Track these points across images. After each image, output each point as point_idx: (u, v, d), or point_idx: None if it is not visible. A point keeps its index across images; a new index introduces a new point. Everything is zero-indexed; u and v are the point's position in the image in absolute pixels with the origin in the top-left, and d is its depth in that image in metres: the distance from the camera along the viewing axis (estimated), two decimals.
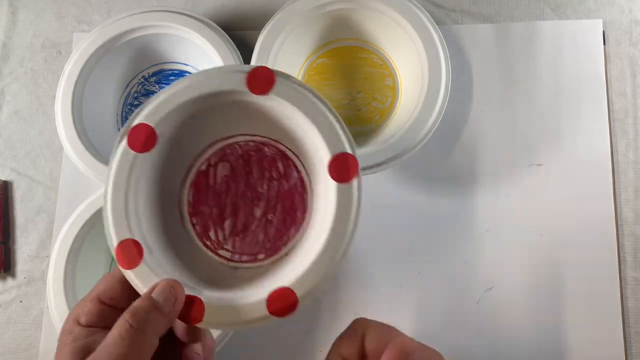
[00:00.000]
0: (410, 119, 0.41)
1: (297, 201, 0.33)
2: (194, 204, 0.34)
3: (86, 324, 0.28)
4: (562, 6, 0.48)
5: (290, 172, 0.34)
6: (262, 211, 0.34)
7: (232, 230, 0.34)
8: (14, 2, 0.53)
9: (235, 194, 0.34)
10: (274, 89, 0.31)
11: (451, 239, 0.45)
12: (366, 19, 0.45)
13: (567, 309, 0.43)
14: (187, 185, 0.34)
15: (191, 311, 0.28)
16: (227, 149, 0.34)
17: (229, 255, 0.33)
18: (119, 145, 0.31)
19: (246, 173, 0.34)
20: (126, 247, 0.30)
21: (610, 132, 0.45)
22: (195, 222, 0.34)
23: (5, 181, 0.50)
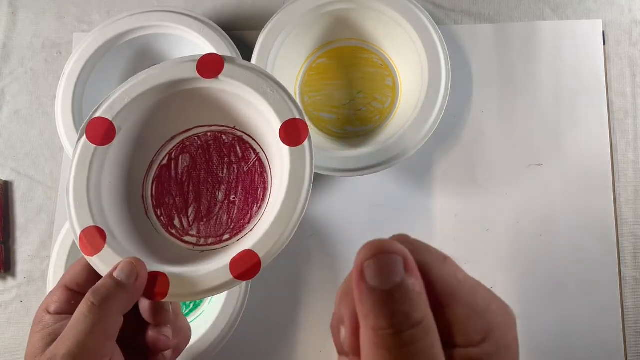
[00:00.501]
0: (410, 119, 0.41)
1: (257, 180, 0.35)
2: (157, 196, 0.35)
3: (54, 312, 0.29)
4: (562, 6, 0.48)
5: (249, 154, 0.35)
6: (224, 194, 0.35)
7: (196, 216, 0.35)
8: (14, 2, 0.53)
9: (197, 181, 0.35)
10: (223, 71, 0.32)
11: (451, 239, 0.45)
12: (366, 19, 0.45)
13: (567, 309, 0.43)
14: (150, 180, 0.35)
15: (155, 287, 0.29)
16: (187, 142, 0.36)
17: (194, 240, 0.34)
18: (79, 139, 0.32)
19: (206, 161, 0.35)
20: (89, 233, 0.30)
21: (610, 132, 0.45)
22: (160, 214, 0.35)
23: (5, 181, 0.50)
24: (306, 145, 0.31)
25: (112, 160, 0.33)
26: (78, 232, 0.31)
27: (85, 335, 0.26)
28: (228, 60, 0.33)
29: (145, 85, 0.33)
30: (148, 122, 0.34)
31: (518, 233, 0.44)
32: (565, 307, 0.43)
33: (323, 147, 0.43)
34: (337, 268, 0.45)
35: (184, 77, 0.33)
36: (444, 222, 0.45)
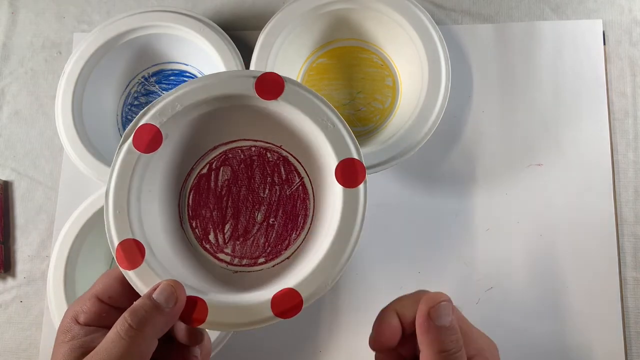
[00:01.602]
0: (410, 119, 0.41)
1: (299, 206, 0.33)
2: (193, 207, 0.34)
3: (84, 323, 0.28)
4: (562, 6, 0.48)
5: (293, 177, 0.34)
6: (263, 215, 0.34)
7: (232, 233, 0.34)
8: (14, 2, 0.53)
9: (237, 197, 0.34)
10: (283, 95, 0.31)
11: (451, 239, 0.45)
12: (366, 19, 0.45)
13: (567, 309, 0.43)
14: (188, 188, 0.34)
15: (194, 312, 0.28)
16: (229, 153, 0.34)
17: (228, 259, 0.33)
18: (123, 144, 0.31)
19: (248, 177, 0.34)
20: (127, 247, 0.29)
21: (610, 132, 0.45)
22: (195, 226, 0.34)
23: (5, 181, 0.50)
24: (361, 189, 0.30)
25: (154, 168, 0.32)
26: (116, 243, 0.30)
27: (120, 358, 0.25)
28: (289, 82, 0.31)
29: (199, 95, 0.31)
30: (193, 131, 0.33)
31: (518, 233, 0.44)
32: (565, 307, 0.43)
33: None
34: None
35: (242, 93, 0.31)
36: (444, 222, 0.45)
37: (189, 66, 0.48)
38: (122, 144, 0.31)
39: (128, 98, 0.49)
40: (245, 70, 0.32)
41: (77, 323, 0.28)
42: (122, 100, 0.48)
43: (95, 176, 0.43)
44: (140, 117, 0.31)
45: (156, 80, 0.49)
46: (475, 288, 0.44)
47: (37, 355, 0.46)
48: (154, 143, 0.31)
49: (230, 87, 0.31)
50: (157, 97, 0.48)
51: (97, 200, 0.43)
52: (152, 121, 0.31)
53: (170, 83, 0.48)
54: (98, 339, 0.27)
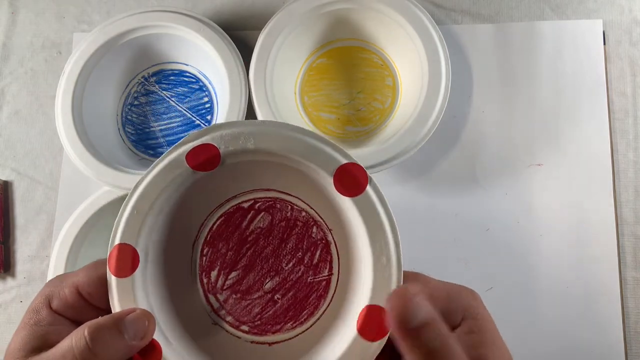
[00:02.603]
0: (410, 119, 0.41)
1: (311, 301, 0.30)
2: (215, 234, 0.31)
3: (56, 309, 0.26)
4: (562, 6, 0.48)
5: (323, 268, 0.31)
6: (272, 286, 0.31)
7: (233, 284, 0.31)
8: (14, 2, 0.53)
9: (259, 253, 0.31)
10: (362, 196, 0.28)
11: (451, 239, 0.45)
12: (366, 19, 0.45)
13: (567, 309, 0.42)
14: (219, 214, 0.31)
15: (147, 357, 0.26)
16: (279, 203, 0.31)
17: (216, 306, 0.31)
18: (172, 153, 0.28)
19: (281, 240, 0.31)
20: (123, 252, 0.28)
21: (610, 132, 0.45)
22: (206, 253, 0.31)
23: (5, 181, 0.50)
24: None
25: (196, 186, 0.30)
26: (115, 243, 0.28)
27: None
28: (372, 183, 0.28)
29: (274, 145, 0.28)
30: (252, 166, 0.30)
31: (518, 233, 0.44)
32: (565, 307, 0.43)
33: None
34: None
35: (318, 180, 0.29)
36: (444, 222, 0.45)
37: (189, 66, 0.48)
38: (172, 152, 0.28)
39: (128, 98, 0.49)
40: (329, 146, 0.29)
41: (48, 307, 0.26)
42: (122, 100, 0.48)
43: (95, 176, 0.43)
44: (203, 134, 0.29)
45: (156, 80, 0.49)
46: (475, 288, 0.44)
47: None
48: (207, 164, 0.29)
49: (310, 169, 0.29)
50: (157, 97, 0.48)
51: (97, 200, 0.43)
52: (215, 143, 0.28)
53: (170, 83, 0.48)
54: (61, 334, 0.25)
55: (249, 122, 0.29)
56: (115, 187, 0.42)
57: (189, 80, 0.48)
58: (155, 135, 0.48)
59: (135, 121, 0.48)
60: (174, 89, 0.48)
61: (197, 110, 0.48)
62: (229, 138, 0.28)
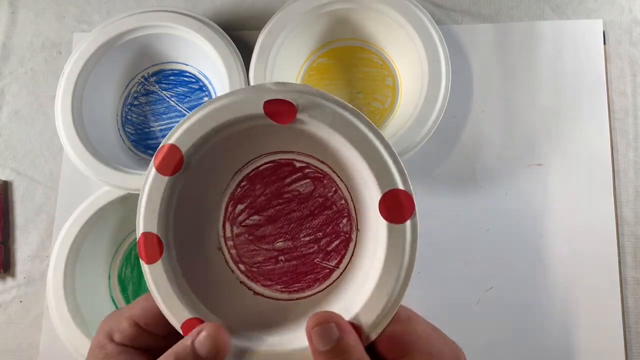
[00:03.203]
0: (410, 119, 0.41)
1: (307, 279, 0.31)
2: (258, 173, 0.32)
3: (120, 342, 0.28)
4: (562, 6, 0.48)
5: (333, 257, 0.31)
6: (282, 247, 0.32)
7: (252, 226, 0.32)
8: (14, 2, 0.53)
9: (287, 213, 0.32)
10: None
11: (451, 239, 0.45)
12: (366, 19, 0.45)
13: (567, 309, 0.42)
14: (270, 160, 0.32)
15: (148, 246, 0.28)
16: (327, 179, 0.32)
17: (228, 235, 0.32)
18: (252, 93, 0.29)
19: (310, 213, 0.32)
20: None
21: (610, 132, 0.45)
22: (242, 186, 0.32)
23: (5, 181, 0.50)
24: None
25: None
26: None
27: None
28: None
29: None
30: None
31: (518, 233, 0.44)
32: (565, 307, 0.43)
33: None
34: None
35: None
36: (444, 222, 0.45)
37: (189, 66, 0.48)
38: (254, 91, 0.29)
39: (128, 98, 0.49)
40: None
41: (111, 341, 0.28)
42: (122, 100, 0.48)
43: (95, 176, 0.43)
44: (282, 88, 0.29)
45: (156, 80, 0.49)
46: (475, 288, 0.44)
47: (37, 355, 0.46)
48: (280, 117, 0.29)
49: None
50: (157, 97, 0.48)
51: (97, 200, 0.43)
52: (293, 101, 0.29)
53: (170, 83, 0.48)
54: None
55: (335, 103, 0.29)
56: (115, 187, 0.42)
57: (189, 80, 0.48)
58: (155, 135, 0.48)
59: (135, 121, 0.48)
60: (174, 89, 0.48)
61: None
62: (311, 105, 0.28)
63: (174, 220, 0.30)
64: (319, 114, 0.28)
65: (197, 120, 0.29)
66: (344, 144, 0.28)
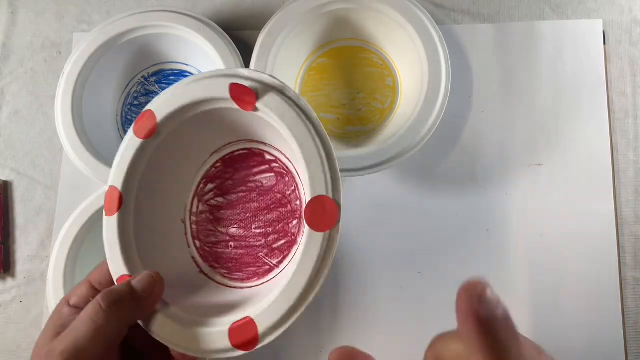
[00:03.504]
0: (410, 119, 0.41)
1: (249, 271, 0.32)
2: (233, 157, 0.34)
3: (74, 305, 0.29)
4: (562, 6, 0.48)
5: (276, 255, 0.32)
6: (234, 234, 0.33)
7: (214, 206, 0.33)
8: (14, 2, 0.53)
9: (246, 201, 0.33)
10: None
11: (451, 239, 0.45)
12: (366, 19, 0.45)
13: (567, 309, 0.42)
14: (245, 147, 0.34)
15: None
16: (289, 177, 0.32)
17: (194, 210, 0.34)
18: (217, 78, 0.31)
19: (266, 207, 0.33)
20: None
21: (610, 132, 0.45)
22: (217, 167, 0.33)
23: (5, 181, 0.50)
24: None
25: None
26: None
27: (85, 339, 0.26)
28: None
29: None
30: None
31: (518, 233, 0.44)
32: (565, 307, 0.43)
33: None
34: (336, 266, 0.45)
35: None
36: (444, 222, 0.45)
37: (189, 66, 0.48)
38: (220, 76, 0.31)
39: (128, 98, 0.49)
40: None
41: (67, 305, 0.29)
42: (122, 100, 0.48)
43: (95, 176, 0.43)
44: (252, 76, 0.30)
45: (156, 80, 0.49)
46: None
47: None
48: (246, 105, 0.30)
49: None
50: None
51: (96, 200, 0.43)
52: (253, 89, 0.30)
53: (170, 83, 0.48)
54: None
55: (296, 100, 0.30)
56: None
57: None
58: None
59: None
60: None
61: None
62: (268, 96, 0.29)
63: (140, 181, 0.32)
64: (273, 106, 0.29)
65: (171, 93, 0.31)
66: (291, 140, 0.28)
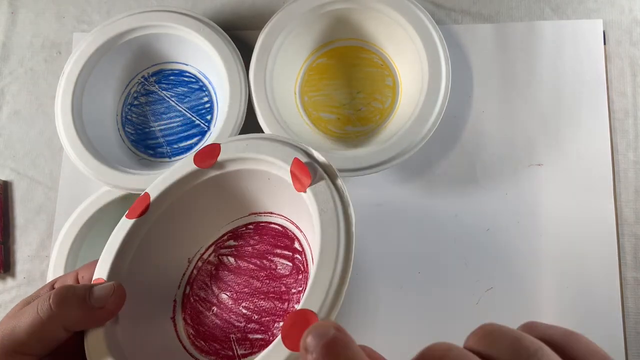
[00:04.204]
0: (410, 119, 0.41)
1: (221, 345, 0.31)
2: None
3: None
4: (562, 6, 0.48)
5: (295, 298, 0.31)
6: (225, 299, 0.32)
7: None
8: (14, 2, 0.53)
9: (253, 275, 0.32)
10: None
11: (451, 239, 0.45)
12: (366, 19, 0.45)
13: (567, 309, 0.42)
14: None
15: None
16: (304, 266, 0.31)
17: (195, 273, 0.33)
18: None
19: (264, 293, 0.31)
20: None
21: (610, 132, 0.45)
22: (242, 230, 0.33)
23: (5, 181, 0.50)
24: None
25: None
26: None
27: (23, 330, 0.25)
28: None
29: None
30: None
31: (518, 233, 0.44)
32: (565, 307, 0.43)
33: (323, 147, 0.43)
34: None
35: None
36: (444, 222, 0.45)
37: (189, 66, 0.48)
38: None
39: (128, 98, 0.49)
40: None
41: (50, 288, 0.29)
42: (122, 100, 0.48)
43: (95, 176, 0.42)
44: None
45: (156, 80, 0.49)
46: (475, 288, 0.44)
47: None
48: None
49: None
50: (157, 97, 0.48)
51: (97, 200, 0.43)
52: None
53: (170, 83, 0.48)
54: None
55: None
56: (115, 187, 0.42)
57: (189, 80, 0.48)
58: (155, 135, 0.48)
59: (135, 121, 0.48)
60: (174, 88, 0.48)
61: (197, 110, 0.48)
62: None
63: (171, 205, 0.32)
64: (320, 196, 0.28)
65: (243, 148, 0.31)
66: (316, 244, 0.26)
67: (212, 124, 0.47)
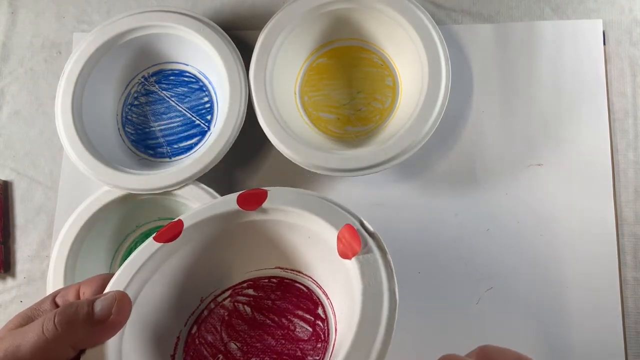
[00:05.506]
0: (410, 119, 0.41)
1: None
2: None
3: (57, 304, 0.28)
4: (562, 6, 0.48)
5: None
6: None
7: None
8: (14, 2, 0.53)
9: (268, 331, 0.31)
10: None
11: (451, 239, 0.45)
12: (366, 19, 0.45)
13: (567, 309, 0.42)
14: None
15: None
16: (325, 335, 0.30)
17: (206, 314, 0.32)
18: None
19: (277, 354, 0.30)
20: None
21: (610, 132, 0.45)
22: (264, 282, 0.32)
23: (5, 181, 0.50)
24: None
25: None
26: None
27: (27, 349, 0.24)
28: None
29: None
30: None
31: (518, 233, 0.44)
32: (565, 307, 0.43)
33: (323, 147, 0.43)
34: None
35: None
36: (444, 222, 0.45)
37: (189, 66, 0.48)
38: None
39: (128, 98, 0.49)
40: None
41: (52, 301, 0.28)
42: (122, 100, 0.48)
43: (95, 176, 0.43)
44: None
45: (156, 80, 0.49)
46: (475, 288, 0.44)
47: None
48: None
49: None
50: (157, 97, 0.48)
51: (97, 200, 0.43)
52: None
53: (170, 83, 0.48)
54: None
55: None
56: (115, 187, 0.42)
57: (189, 80, 0.48)
58: (155, 135, 0.48)
59: (135, 121, 0.48)
60: (174, 89, 0.48)
61: (197, 110, 0.48)
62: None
63: (205, 247, 0.31)
64: (366, 267, 0.27)
65: (301, 206, 0.30)
66: (352, 328, 0.25)
67: (212, 124, 0.47)
